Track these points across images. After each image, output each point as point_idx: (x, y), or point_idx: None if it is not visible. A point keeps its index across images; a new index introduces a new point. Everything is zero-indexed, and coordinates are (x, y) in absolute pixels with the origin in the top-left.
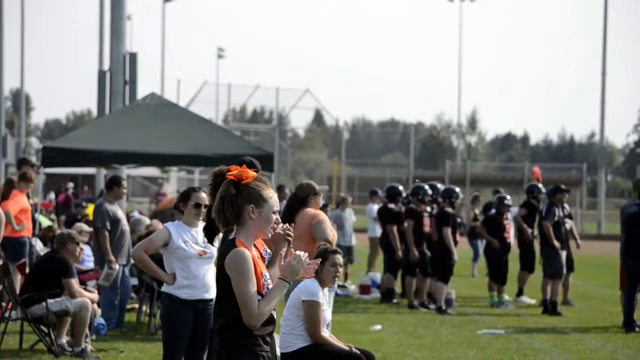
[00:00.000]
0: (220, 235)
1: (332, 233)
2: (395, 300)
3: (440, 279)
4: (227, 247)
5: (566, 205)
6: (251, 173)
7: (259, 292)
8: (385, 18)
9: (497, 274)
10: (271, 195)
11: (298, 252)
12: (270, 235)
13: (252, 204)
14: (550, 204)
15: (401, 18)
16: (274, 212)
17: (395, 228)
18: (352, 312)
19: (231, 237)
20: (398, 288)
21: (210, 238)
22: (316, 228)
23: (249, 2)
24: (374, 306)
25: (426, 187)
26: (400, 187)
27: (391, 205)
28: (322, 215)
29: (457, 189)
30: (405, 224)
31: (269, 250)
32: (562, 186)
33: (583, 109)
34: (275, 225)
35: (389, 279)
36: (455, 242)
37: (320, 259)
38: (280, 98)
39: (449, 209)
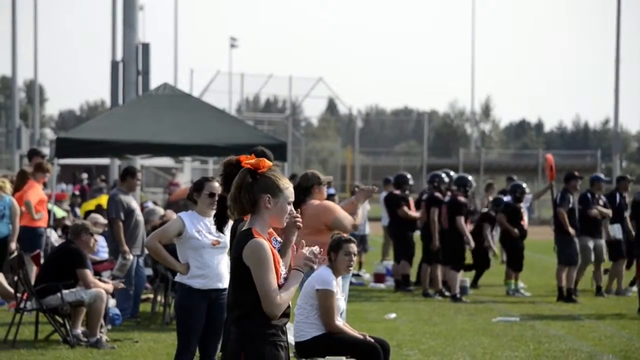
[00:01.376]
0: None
1: (349, 218)
2: (410, 288)
3: (454, 267)
4: (243, 237)
5: (602, 197)
6: (268, 162)
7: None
8: (398, 6)
9: (514, 262)
10: (287, 185)
11: (313, 248)
12: (284, 224)
13: (269, 194)
14: (564, 191)
15: (414, 5)
16: (289, 203)
17: (405, 209)
18: (366, 300)
19: (246, 227)
20: (413, 277)
21: (220, 226)
22: (336, 224)
23: None
24: (388, 295)
25: (443, 175)
26: (408, 175)
27: (397, 192)
28: (331, 206)
29: (470, 177)
30: (429, 213)
31: (278, 239)
32: (576, 173)
33: (597, 95)
34: (290, 216)
35: (404, 265)
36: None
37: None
38: (293, 87)
39: (462, 198)
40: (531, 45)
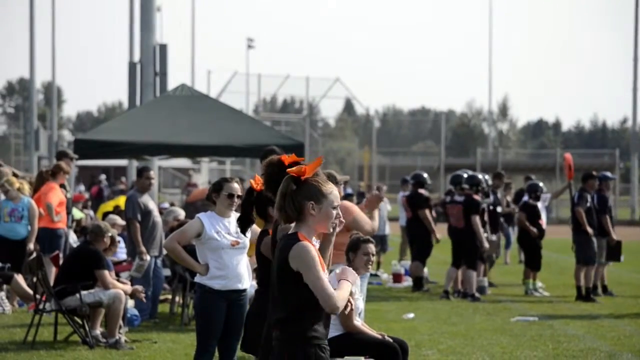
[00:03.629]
0: (254, 226)
1: (367, 219)
2: (425, 288)
3: (470, 267)
4: (289, 240)
5: (611, 195)
6: (310, 167)
7: None
8: (415, 6)
9: (532, 261)
10: (331, 190)
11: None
12: (330, 230)
13: (312, 201)
14: (582, 190)
15: (431, 5)
16: (334, 208)
17: (427, 212)
18: (384, 300)
19: (292, 231)
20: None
21: (243, 229)
22: (355, 225)
23: None
24: (406, 294)
25: (465, 175)
26: (425, 175)
27: (422, 191)
28: (350, 206)
29: (481, 176)
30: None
31: (316, 239)
32: (594, 172)
33: (615, 94)
34: (336, 221)
35: (417, 266)
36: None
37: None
38: (311, 88)
39: (476, 197)
40: (548, 44)
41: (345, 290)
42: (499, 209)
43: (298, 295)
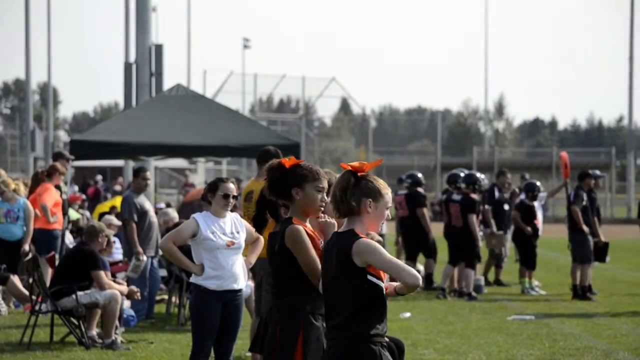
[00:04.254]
0: (249, 227)
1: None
2: (435, 285)
3: (468, 265)
4: (348, 238)
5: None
6: (370, 165)
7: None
8: (411, 5)
9: (528, 260)
10: (387, 191)
11: None
12: (379, 230)
13: (370, 198)
14: (578, 189)
15: (427, 5)
16: (387, 208)
17: (425, 210)
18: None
19: (344, 229)
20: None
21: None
22: None
23: None
24: None
25: (461, 174)
26: (420, 175)
27: (420, 190)
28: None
29: (478, 174)
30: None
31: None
32: (590, 171)
33: (611, 92)
34: (385, 221)
35: (428, 263)
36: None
37: None
38: (307, 87)
39: (474, 196)
40: (544, 43)
41: (410, 270)
42: (505, 207)
43: (362, 293)
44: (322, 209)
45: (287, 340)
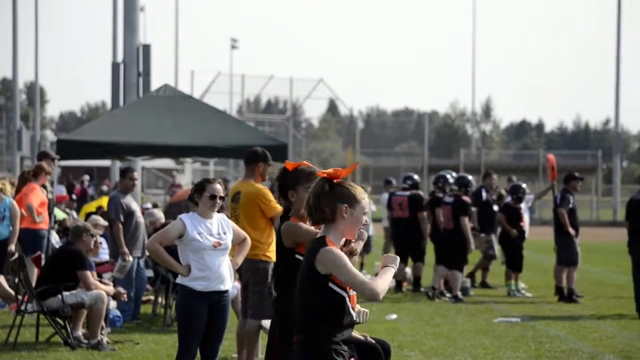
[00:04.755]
0: (237, 228)
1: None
2: (422, 289)
3: (456, 267)
4: (316, 245)
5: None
6: (345, 171)
7: (344, 289)
8: (399, 6)
9: (514, 263)
10: (364, 196)
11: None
12: (357, 236)
13: (346, 204)
14: (564, 191)
15: (415, 6)
16: (365, 214)
17: (425, 214)
18: (367, 301)
19: (320, 234)
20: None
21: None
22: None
23: None
24: (389, 295)
25: (448, 175)
26: (416, 177)
27: (420, 192)
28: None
29: (470, 177)
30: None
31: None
32: (576, 174)
33: (598, 95)
34: (363, 228)
35: (417, 267)
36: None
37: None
38: (294, 88)
39: (465, 198)
40: (532, 46)
41: (387, 279)
42: (495, 208)
43: (321, 298)
44: None
45: None
